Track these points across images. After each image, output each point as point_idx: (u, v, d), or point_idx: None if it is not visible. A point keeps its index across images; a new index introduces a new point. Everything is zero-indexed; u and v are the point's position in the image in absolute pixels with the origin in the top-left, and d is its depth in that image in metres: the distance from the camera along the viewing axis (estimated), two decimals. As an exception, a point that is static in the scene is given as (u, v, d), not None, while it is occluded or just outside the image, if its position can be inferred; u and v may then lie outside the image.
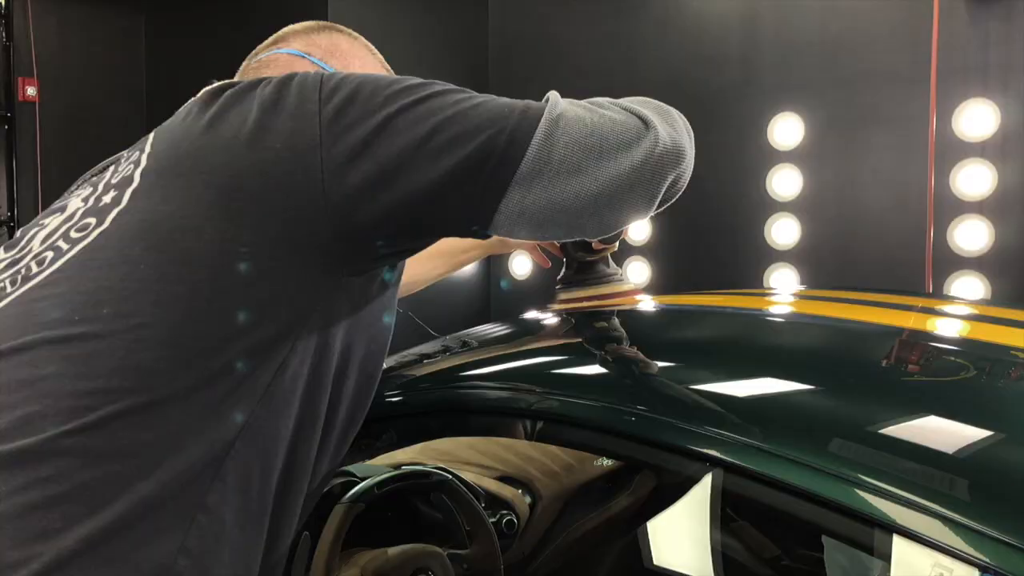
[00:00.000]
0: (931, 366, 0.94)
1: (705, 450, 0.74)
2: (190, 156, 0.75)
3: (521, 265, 4.07)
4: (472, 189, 0.74)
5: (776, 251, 3.26)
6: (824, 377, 0.89)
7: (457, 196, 0.74)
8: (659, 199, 0.79)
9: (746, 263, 3.32)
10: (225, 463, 0.69)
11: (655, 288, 3.53)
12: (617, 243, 1.35)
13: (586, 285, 1.34)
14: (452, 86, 0.78)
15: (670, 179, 0.78)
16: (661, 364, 0.98)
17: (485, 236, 0.78)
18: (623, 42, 3.56)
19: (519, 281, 4.08)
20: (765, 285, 3.26)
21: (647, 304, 1.33)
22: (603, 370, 1.00)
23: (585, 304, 1.32)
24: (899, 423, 0.75)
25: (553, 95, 0.78)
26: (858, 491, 0.65)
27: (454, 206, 0.75)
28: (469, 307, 4.10)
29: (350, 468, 1.17)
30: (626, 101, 0.81)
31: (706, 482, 0.79)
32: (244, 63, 1.04)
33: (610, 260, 1.37)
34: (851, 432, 0.74)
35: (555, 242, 1.35)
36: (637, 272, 3.59)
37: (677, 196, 0.84)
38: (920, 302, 1.46)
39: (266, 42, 1.04)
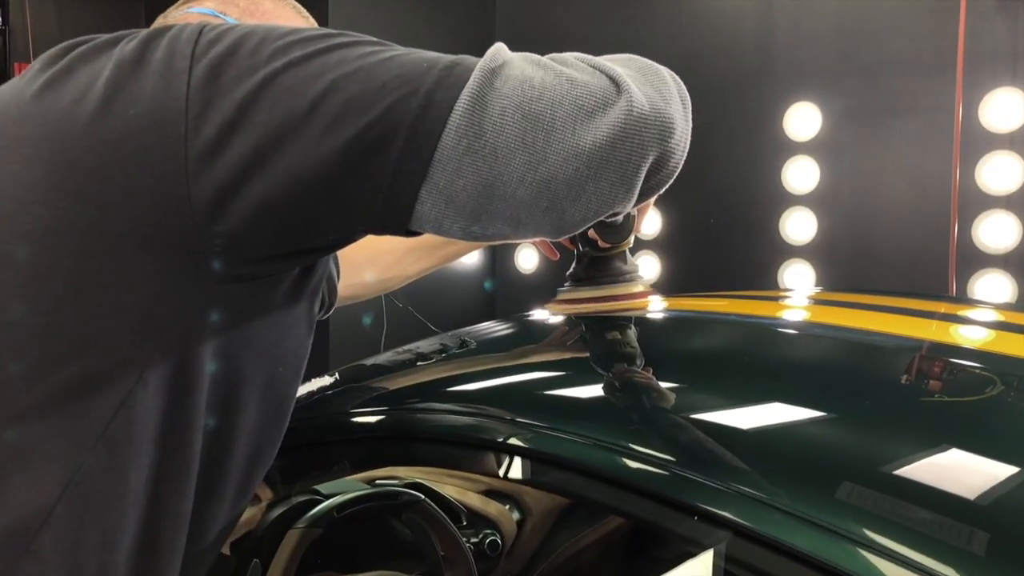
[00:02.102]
0: (955, 389, 0.81)
1: (700, 504, 0.60)
2: (15, 126, 0.60)
3: (527, 258, 3.95)
4: (378, 171, 0.57)
5: (791, 247, 3.13)
6: (841, 408, 0.75)
7: (358, 181, 0.58)
8: (639, 186, 0.61)
9: (760, 259, 3.19)
10: (39, 536, 0.54)
11: (665, 284, 3.41)
12: (632, 237, 1.22)
13: (595, 284, 1.21)
14: (368, 38, 0.62)
15: (651, 159, 0.60)
16: (655, 390, 0.84)
17: (407, 233, 0.62)
18: (633, 30, 3.43)
19: (525, 275, 3.97)
20: (779, 282, 3.14)
21: (654, 311, 1.19)
22: (595, 395, 0.86)
23: (591, 306, 1.19)
24: (913, 464, 0.62)
25: (497, 46, 0.61)
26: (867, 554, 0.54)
27: (357, 194, 0.58)
28: (472, 302, 3.99)
29: (317, 486, 1.06)
30: (601, 58, 0.64)
31: (707, 546, 0.66)
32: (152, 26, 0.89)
33: (628, 256, 1.22)
34: (864, 478, 0.61)
35: None
36: (647, 267, 3.47)
37: (668, 182, 0.65)
38: (943, 307, 1.32)
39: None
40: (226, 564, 0.98)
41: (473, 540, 1.27)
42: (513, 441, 0.75)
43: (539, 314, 1.31)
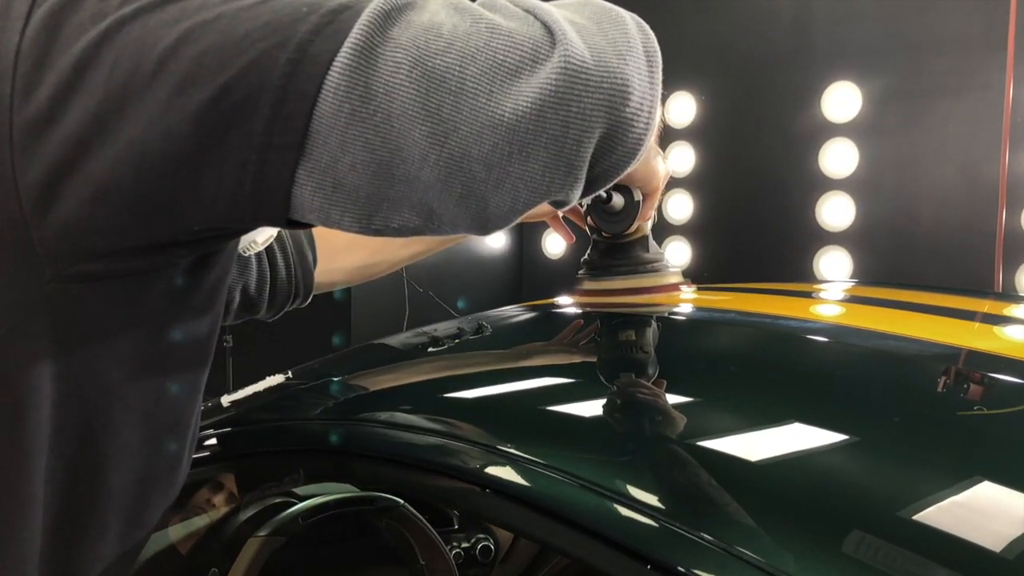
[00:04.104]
0: (996, 410, 0.70)
1: (693, 569, 0.49)
2: None
3: (556, 243, 3.86)
4: (241, 145, 0.46)
5: (828, 233, 3.00)
6: (876, 448, 0.62)
7: (218, 158, 0.46)
8: (584, 168, 0.49)
9: (795, 245, 3.07)
10: None
11: (695, 272, 3.29)
12: (646, 224, 1.10)
13: (614, 274, 1.08)
14: None
15: (598, 133, 0.47)
16: (657, 416, 0.70)
17: (290, 224, 0.50)
18: (664, 6, 3.30)
19: (552, 260, 3.88)
20: (815, 270, 3.02)
21: (676, 310, 1.06)
22: (588, 420, 0.72)
23: (612, 299, 1.08)
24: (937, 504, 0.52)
25: None
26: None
27: (218, 175, 0.47)
28: (498, 287, 3.91)
29: (296, 489, 0.98)
30: (546, 3, 0.51)
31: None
32: None
33: (650, 242, 1.09)
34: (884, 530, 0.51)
35: (579, 208, 1.08)
36: (677, 254, 3.36)
37: (630, 164, 0.51)
38: (987, 305, 1.20)
39: None
40: (183, 572, 0.91)
41: (464, 546, 1.19)
42: (483, 472, 0.62)
43: (547, 307, 1.21)
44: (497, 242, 3.93)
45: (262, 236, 0.78)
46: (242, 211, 0.49)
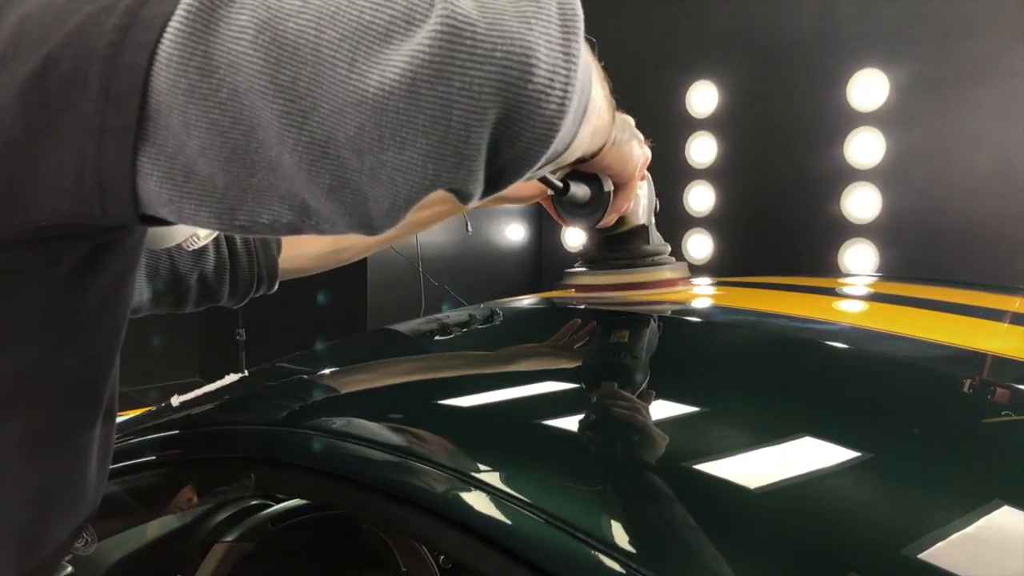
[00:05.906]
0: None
1: None
2: None
3: (575, 235, 3.81)
4: (75, 128, 0.40)
5: (854, 225, 2.92)
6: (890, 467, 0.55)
7: (51, 143, 0.40)
8: (479, 158, 0.40)
9: (820, 238, 2.99)
10: None
11: (717, 265, 3.22)
12: (639, 212, 1.02)
13: (611, 268, 1.02)
14: None
15: (492, 114, 0.38)
16: (640, 438, 0.62)
17: (143, 220, 0.43)
18: (688, -9, 3.23)
19: (572, 254, 3.82)
20: (840, 262, 2.94)
21: (677, 308, 0.98)
22: (556, 438, 0.63)
23: (601, 295, 1.01)
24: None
25: None
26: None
27: (56, 164, 0.41)
28: (518, 277, 3.86)
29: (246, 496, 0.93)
30: None
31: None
32: None
33: (652, 234, 1.02)
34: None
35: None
36: (698, 246, 3.28)
37: (545, 152, 0.42)
38: (1018, 303, 1.11)
39: None
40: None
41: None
42: (429, 494, 0.55)
43: (535, 304, 1.15)
44: (516, 234, 3.89)
45: (204, 230, 0.73)
46: (89, 206, 0.42)
